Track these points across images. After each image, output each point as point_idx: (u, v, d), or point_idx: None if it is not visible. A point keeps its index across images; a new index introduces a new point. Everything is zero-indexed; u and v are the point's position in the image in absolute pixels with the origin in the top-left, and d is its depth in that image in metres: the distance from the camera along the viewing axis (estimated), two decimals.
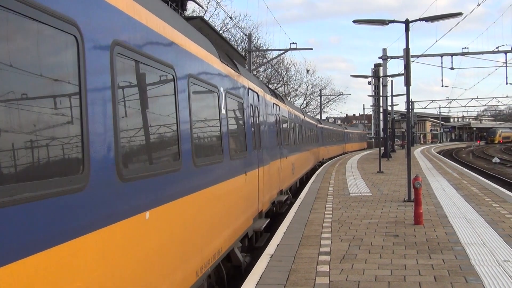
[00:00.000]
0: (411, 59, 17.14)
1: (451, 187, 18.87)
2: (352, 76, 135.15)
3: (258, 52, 46.65)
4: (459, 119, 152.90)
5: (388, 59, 45.83)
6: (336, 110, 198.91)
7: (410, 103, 21.63)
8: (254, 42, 43.62)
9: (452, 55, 45.10)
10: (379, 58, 46.61)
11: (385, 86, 46.92)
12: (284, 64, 57.94)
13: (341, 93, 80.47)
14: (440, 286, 6.95)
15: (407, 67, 15.86)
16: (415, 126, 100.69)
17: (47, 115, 3.54)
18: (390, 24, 16.69)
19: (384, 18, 17.06)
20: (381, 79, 47.46)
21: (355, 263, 8.20)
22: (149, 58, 5.19)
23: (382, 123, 48.98)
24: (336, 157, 47.98)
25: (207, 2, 43.69)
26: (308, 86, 71.42)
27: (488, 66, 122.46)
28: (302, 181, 25.08)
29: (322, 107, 71.94)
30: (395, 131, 69.23)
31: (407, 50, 16.17)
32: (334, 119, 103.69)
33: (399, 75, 37.07)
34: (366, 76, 43.42)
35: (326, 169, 31.15)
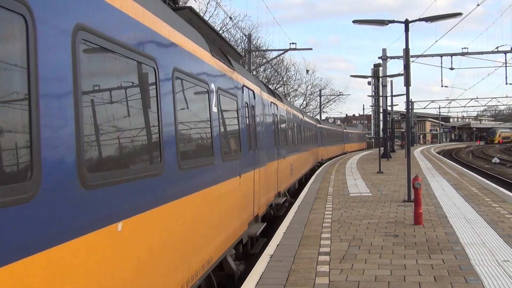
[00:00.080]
0: (411, 59, 17.13)
1: (450, 187, 18.88)
2: (351, 76, 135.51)
3: (257, 52, 46.68)
4: (459, 119, 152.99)
5: (388, 59, 45.87)
6: (336, 110, 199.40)
7: (410, 103, 21.65)
8: (254, 42, 43.65)
9: (451, 55, 45.17)
10: (379, 58, 46.68)
11: (384, 86, 46.93)
12: (284, 64, 58.04)
13: (340, 93, 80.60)
14: (440, 286, 6.96)
15: (407, 67, 15.87)
16: (414, 126, 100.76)
17: None
18: (389, 24, 16.71)
19: (383, 18, 17.05)
20: (380, 79, 47.48)
21: (355, 263, 8.20)
22: (123, 47, 4.53)
23: (382, 123, 49.01)
24: (335, 157, 47.96)
25: (207, 2, 43.86)
26: (307, 86, 71.57)
27: (488, 66, 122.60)
28: (301, 182, 24.60)
29: (322, 107, 72.02)
30: (395, 131, 69.31)
31: (406, 50, 16.18)
32: (334, 119, 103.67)
33: (398, 75, 37.10)
34: (365, 76, 43.47)
35: (326, 169, 31.15)
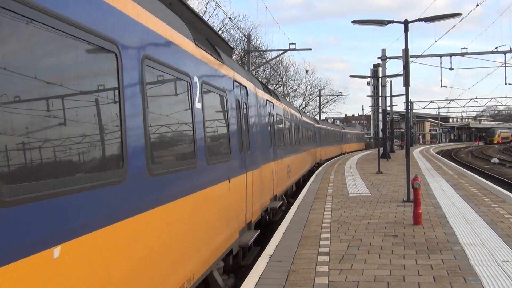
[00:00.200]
0: (410, 60, 17.15)
1: (450, 188, 18.88)
2: (351, 76, 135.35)
3: (257, 53, 46.69)
4: (458, 120, 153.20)
5: (387, 60, 45.88)
6: (335, 111, 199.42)
7: (409, 104, 21.65)
8: (253, 43, 43.67)
9: (451, 55, 45.20)
10: (378, 58, 46.73)
11: (384, 86, 46.95)
12: (283, 64, 58.06)
13: (340, 93, 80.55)
14: (439, 286, 6.96)
15: (406, 67, 15.87)
16: (414, 126, 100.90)
17: None
18: (389, 24, 16.73)
19: (383, 18, 17.09)
20: (380, 79, 47.52)
21: (354, 264, 8.20)
22: (64, 22, 3.60)
23: (381, 123, 49.03)
24: (333, 158, 47.87)
25: (206, 2, 43.87)
26: (307, 87, 71.59)
27: (487, 67, 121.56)
28: (298, 184, 23.92)
29: (322, 108, 72.06)
30: (394, 132, 69.40)
31: (406, 51, 16.18)
32: (333, 120, 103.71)
33: (398, 75, 37.16)
34: (365, 77, 43.61)
35: (325, 169, 31.16)
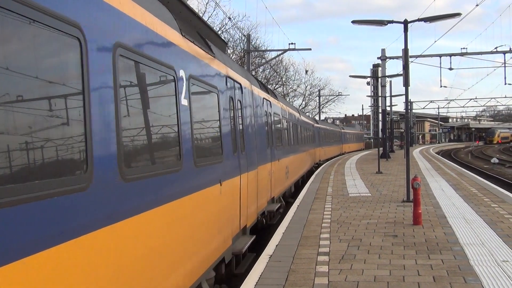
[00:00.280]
0: (410, 60, 17.15)
1: (450, 188, 18.88)
2: (350, 76, 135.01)
3: (256, 53, 46.70)
4: (458, 120, 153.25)
5: (387, 60, 45.90)
6: (335, 111, 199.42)
7: (409, 104, 21.66)
8: (253, 43, 43.68)
9: (451, 55, 45.22)
10: (378, 58, 46.75)
11: (384, 86, 46.98)
12: (283, 64, 58.05)
13: (339, 93, 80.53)
14: (439, 287, 6.96)
15: (406, 67, 15.87)
16: (414, 126, 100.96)
17: None
18: (388, 24, 16.73)
19: (382, 18, 17.05)
20: (379, 79, 47.53)
21: (354, 264, 8.20)
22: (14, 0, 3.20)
23: (381, 123, 49.04)
24: (332, 158, 47.79)
25: (206, 2, 43.87)
26: (307, 87, 71.56)
27: (487, 67, 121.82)
28: (297, 185, 23.50)
29: (321, 108, 72.09)
30: (394, 132, 69.46)
31: (405, 51, 16.18)
32: (333, 119, 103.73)
33: (398, 75, 37.19)
34: (365, 77, 43.60)
35: (325, 169, 31.16)
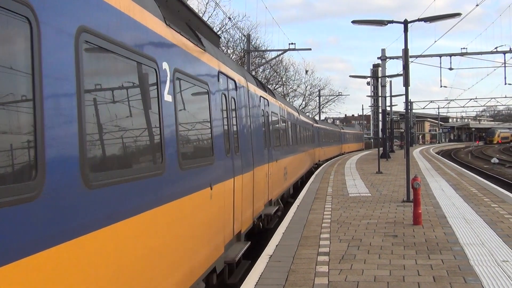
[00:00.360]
0: (410, 60, 17.15)
1: (450, 188, 18.88)
2: (351, 76, 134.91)
3: (256, 53, 46.71)
4: (458, 120, 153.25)
5: (387, 60, 45.90)
6: (335, 111, 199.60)
7: (409, 104, 21.67)
8: (253, 43, 43.69)
9: (451, 55, 45.21)
10: (378, 58, 46.76)
11: (384, 86, 46.98)
12: (283, 64, 58.06)
13: (340, 93, 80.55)
14: (439, 287, 6.96)
15: (406, 67, 15.87)
16: (413, 126, 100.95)
17: None
18: (388, 24, 16.73)
19: (382, 18, 17.06)
20: (380, 79, 47.53)
21: (354, 264, 8.21)
22: None
23: (381, 123, 49.05)
24: (332, 158, 47.73)
25: (206, 2, 43.87)
26: (307, 87, 71.58)
27: (487, 67, 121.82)
28: (296, 186, 22.92)
29: (321, 108, 72.10)
30: (394, 132, 69.45)
31: (405, 51, 16.18)
32: (333, 119, 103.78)
33: (398, 75, 37.19)
34: (365, 77, 43.60)
35: (325, 169, 31.16)
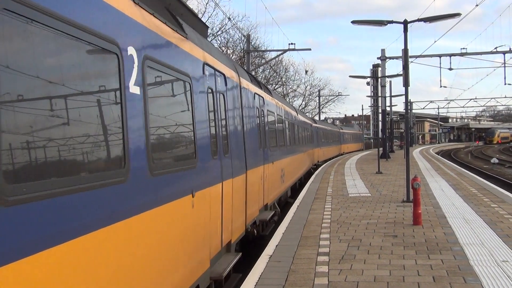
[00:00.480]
0: (410, 60, 17.16)
1: (449, 188, 18.88)
2: (350, 76, 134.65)
3: (256, 53, 46.71)
4: (458, 120, 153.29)
5: (387, 60, 45.89)
6: (335, 111, 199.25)
7: (409, 104, 21.67)
8: (253, 43, 43.69)
9: (450, 55, 45.20)
10: (378, 58, 46.74)
11: (383, 86, 46.97)
12: (283, 64, 58.08)
13: (339, 93, 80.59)
14: (439, 287, 6.96)
15: (406, 67, 15.87)
16: (413, 126, 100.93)
17: None
18: (388, 24, 16.73)
19: (382, 18, 17.12)
20: (379, 79, 47.54)
21: (354, 264, 8.21)
22: None
23: (380, 123, 49.04)
24: (331, 159, 47.63)
25: (206, 2, 43.87)
26: (306, 87, 71.62)
27: (487, 67, 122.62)
28: (294, 188, 22.31)
29: (321, 108, 72.12)
30: (394, 132, 69.44)
31: (405, 51, 16.18)
32: (333, 120, 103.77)
33: (397, 75, 37.18)
34: (364, 77, 43.57)
35: (325, 169, 31.16)
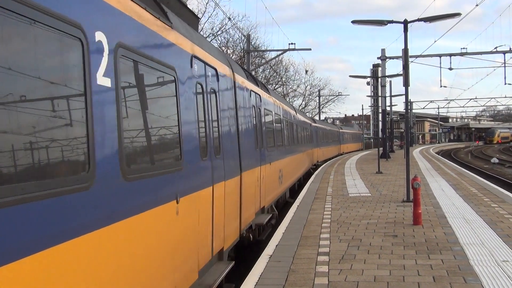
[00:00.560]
0: (410, 60, 17.15)
1: (450, 188, 18.88)
2: (350, 76, 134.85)
3: (256, 53, 46.70)
4: (458, 120, 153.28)
5: (387, 60, 45.88)
6: (335, 111, 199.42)
7: (409, 104, 21.66)
8: (253, 43, 43.68)
9: (450, 55, 45.19)
10: (378, 58, 46.73)
11: (383, 86, 46.97)
12: (283, 64, 58.06)
13: (339, 93, 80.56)
14: (439, 287, 6.96)
15: (406, 67, 15.86)
16: (413, 126, 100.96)
17: None
18: (388, 24, 16.74)
19: (382, 18, 17.07)
20: (379, 79, 47.54)
21: (354, 264, 8.20)
22: None
23: (381, 123, 49.04)
24: (330, 159, 47.56)
25: (206, 2, 43.86)
26: (306, 87, 71.59)
27: (487, 67, 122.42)
28: (293, 189, 21.91)
29: (321, 108, 72.12)
30: (394, 132, 69.46)
31: (405, 51, 16.18)
32: (333, 120, 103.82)
33: (397, 75, 37.20)
34: (364, 77, 43.57)
35: (325, 169, 31.16)
